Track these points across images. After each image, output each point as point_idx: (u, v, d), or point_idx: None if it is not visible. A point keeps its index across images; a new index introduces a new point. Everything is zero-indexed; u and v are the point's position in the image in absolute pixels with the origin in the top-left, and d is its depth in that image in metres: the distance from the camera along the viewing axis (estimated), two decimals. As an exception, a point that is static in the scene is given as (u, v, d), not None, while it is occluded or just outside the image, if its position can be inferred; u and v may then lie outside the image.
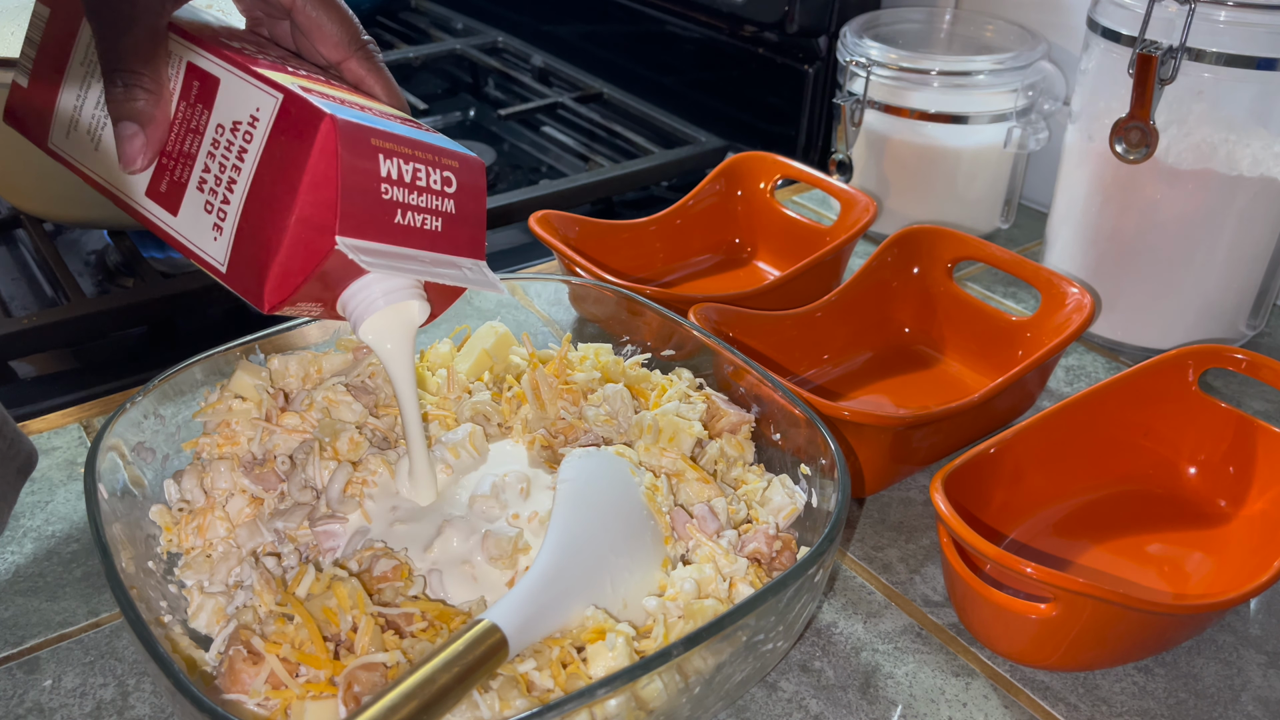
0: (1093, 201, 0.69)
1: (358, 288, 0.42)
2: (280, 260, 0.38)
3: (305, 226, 0.38)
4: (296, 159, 0.38)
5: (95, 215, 0.80)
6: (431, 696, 0.35)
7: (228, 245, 0.40)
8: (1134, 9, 0.62)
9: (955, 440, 0.59)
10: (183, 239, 0.41)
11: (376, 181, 0.39)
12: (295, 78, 0.41)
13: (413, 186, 0.41)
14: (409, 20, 1.38)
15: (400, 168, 0.40)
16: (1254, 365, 0.55)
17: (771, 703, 0.46)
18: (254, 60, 0.41)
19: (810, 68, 0.94)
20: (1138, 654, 0.48)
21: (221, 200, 0.40)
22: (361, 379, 0.54)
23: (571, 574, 0.43)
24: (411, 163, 0.41)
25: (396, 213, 0.40)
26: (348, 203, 0.38)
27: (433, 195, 0.42)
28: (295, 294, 0.39)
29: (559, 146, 1.07)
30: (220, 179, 0.40)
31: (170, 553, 0.48)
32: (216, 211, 0.40)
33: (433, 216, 0.42)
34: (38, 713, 0.45)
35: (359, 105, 0.41)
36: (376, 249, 0.40)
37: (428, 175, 0.41)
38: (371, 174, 0.39)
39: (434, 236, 0.42)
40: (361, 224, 0.39)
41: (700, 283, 0.79)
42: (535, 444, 0.51)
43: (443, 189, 0.42)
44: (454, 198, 0.43)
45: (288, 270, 0.39)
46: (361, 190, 0.39)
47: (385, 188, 0.40)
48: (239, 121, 0.39)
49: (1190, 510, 0.56)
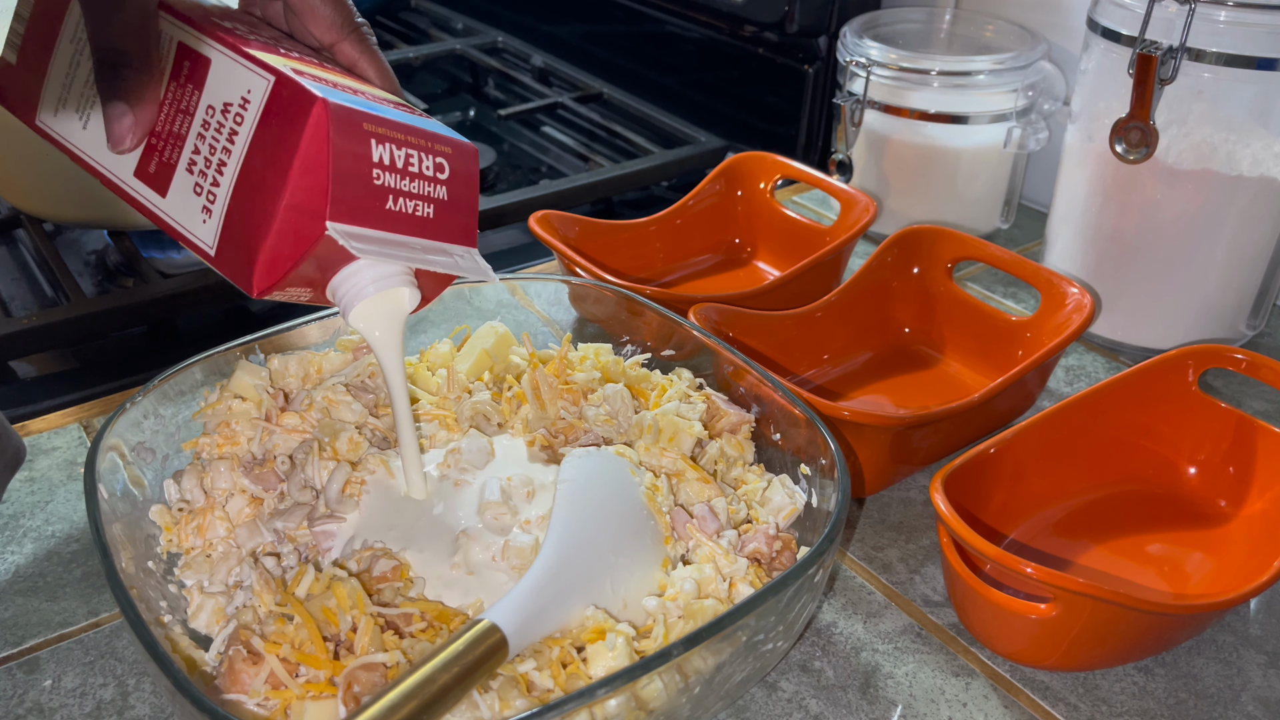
0: (1093, 201, 0.69)
1: (347, 274, 0.41)
2: (270, 245, 0.38)
3: (295, 211, 0.38)
4: (287, 142, 0.37)
5: (95, 215, 0.80)
6: (431, 696, 0.35)
7: (217, 228, 0.39)
8: (1134, 9, 0.62)
9: (955, 440, 0.59)
10: (171, 221, 0.41)
11: (368, 167, 0.39)
12: (287, 59, 0.40)
13: (405, 172, 0.40)
14: (409, 20, 1.38)
15: (392, 153, 0.40)
16: (1254, 365, 0.55)
17: (771, 703, 0.46)
18: (246, 41, 0.40)
19: (810, 68, 0.94)
20: (1138, 654, 0.48)
21: (211, 183, 0.39)
22: (361, 379, 0.54)
23: (571, 574, 0.43)
24: (404, 148, 0.40)
25: (388, 199, 0.40)
26: (339, 188, 0.38)
27: (425, 181, 0.41)
28: (284, 279, 0.39)
29: (559, 146, 1.07)
30: (210, 161, 0.39)
31: (170, 553, 0.48)
32: (206, 194, 0.39)
33: (424, 203, 0.42)
34: (38, 713, 0.45)
35: (351, 89, 0.41)
36: (367, 235, 0.39)
37: (420, 161, 0.41)
38: (363, 159, 0.39)
39: (425, 223, 0.42)
40: (352, 209, 0.39)
41: (700, 283, 0.79)
42: (535, 443, 0.51)
43: (435, 175, 0.42)
44: (446, 184, 0.42)
45: (277, 255, 0.38)
46: (353, 175, 0.38)
47: (377, 173, 0.39)
48: (229, 103, 0.39)
49: (1190, 510, 0.56)
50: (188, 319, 0.79)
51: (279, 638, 0.40)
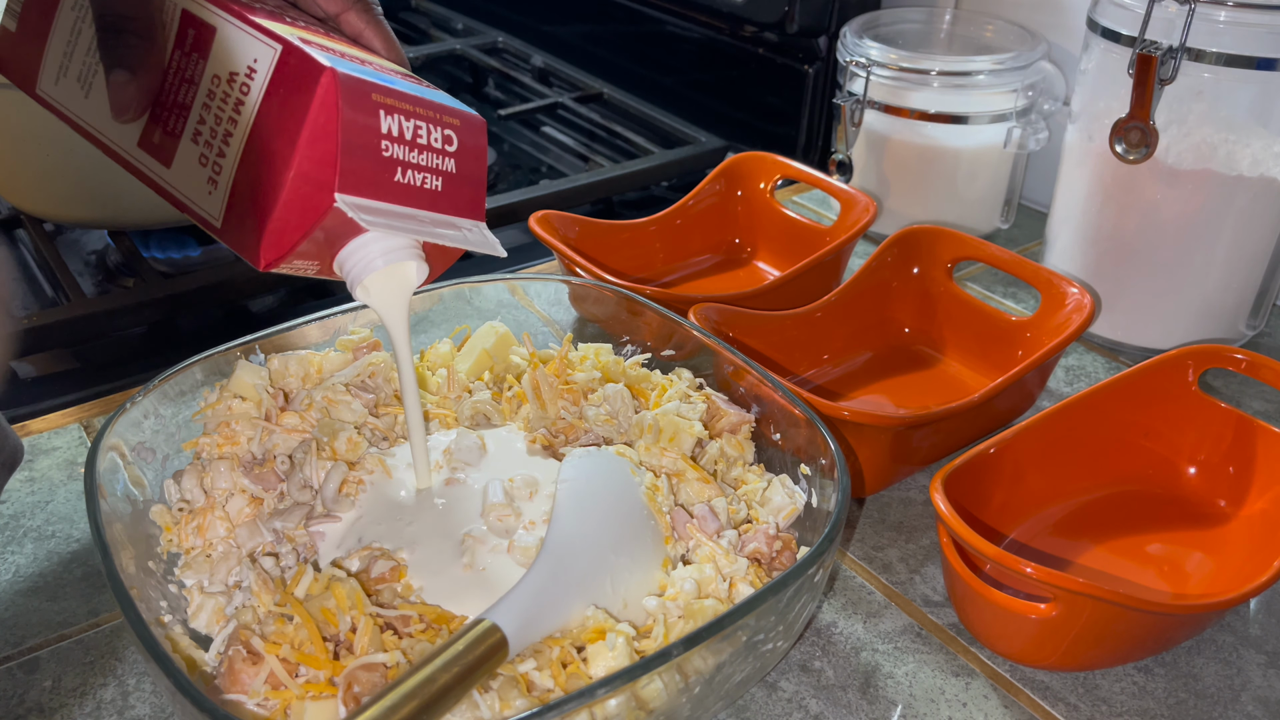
0: (1093, 202, 0.69)
1: (355, 246, 0.41)
2: (277, 217, 0.37)
3: (303, 182, 0.37)
4: (295, 113, 0.37)
5: (95, 215, 0.80)
6: (431, 696, 0.35)
7: (223, 200, 0.39)
8: (1134, 9, 0.62)
9: (955, 440, 0.59)
10: (176, 192, 0.40)
11: (377, 138, 0.38)
12: (294, 29, 0.40)
13: (413, 144, 0.40)
14: (409, 20, 1.38)
15: (401, 124, 0.39)
16: (1254, 365, 0.55)
17: (771, 703, 0.46)
18: (251, 9, 0.40)
19: (810, 68, 0.94)
20: (1138, 654, 0.48)
21: (216, 154, 0.39)
22: (361, 379, 0.54)
23: (571, 574, 0.43)
24: (413, 119, 0.40)
25: (396, 170, 0.39)
26: (347, 159, 0.37)
27: (433, 154, 0.41)
28: (291, 252, 0.38)
29: (559, 146, 1.07)
30: (216, 131, 0.39)
31: (170, 553, 0.48)
32: (211, 165, 0.39)
33: (433, 175, 0.41)
34: (38, 713, 0.45)
35: (359, 59, 0.40)
36: (376, 207, 0.39)
37: (429, 133, 0.40)
38: (372, 130, 0.38)
39: (434, 196, 0.41)
40: (361, 181, 0.38)
41: (700, 283, 0.79)
42: (535, 442, 0.51)
43: (443, 148, 0.41)
44: (455, 157, 0.42)
45: (285, 227, 0.37)
46: (362, 147, 0.38)
47: (385, 145, 0.39)
48: (235, 73, 0.38)
49: (1190, 510, 0.56)
50: (188, 319, 0.79)
51: (279, 638, 0.40)
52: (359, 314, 0.56)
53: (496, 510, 0.46)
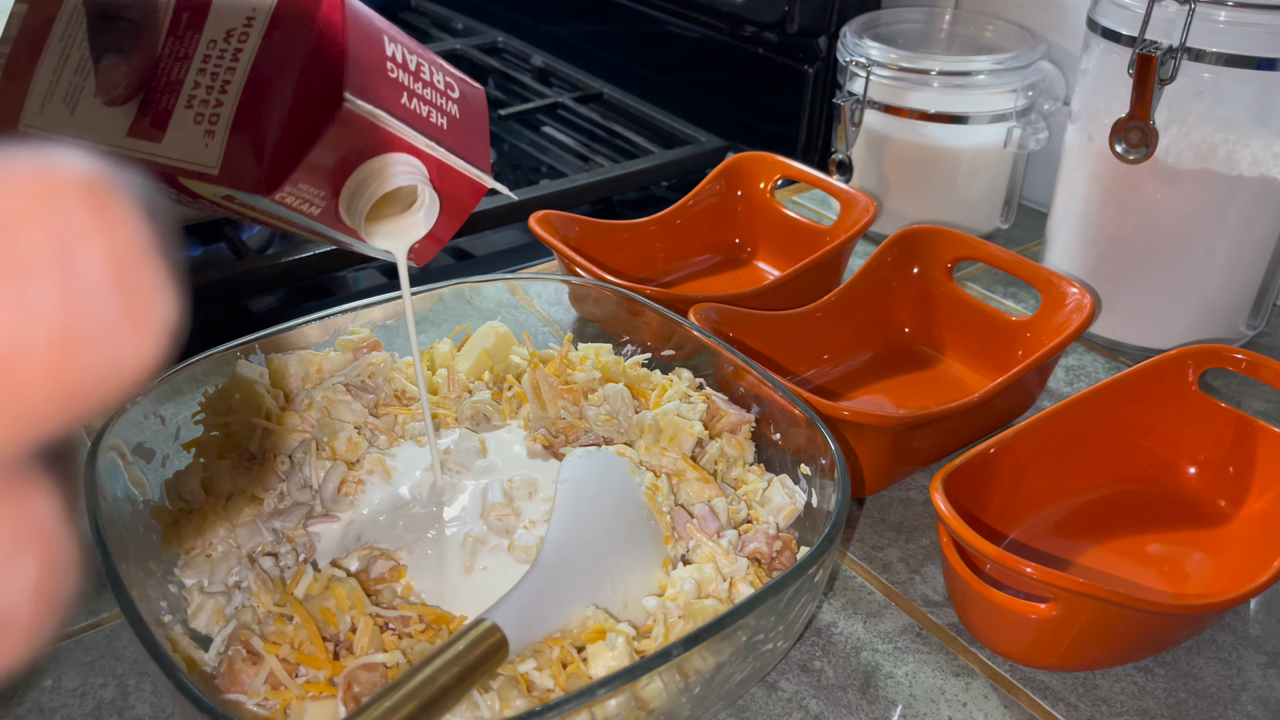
0: (1093, 201, 0.69)
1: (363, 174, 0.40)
2: (285, 132, 0.36)
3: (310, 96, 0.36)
4: (301, 32, 0.36)
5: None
6: (431, 696, 0.35)
7: (221, 145, 0.38)
8: (1134, 9, 0.62)
9: (955, 440, 0.59)
10: (169, 160, 0.39)
11: (382, 59, 0.38)
12: None
13: (417, 76, 0.39)
14: (409, 20, 1.38)
15: (404, 55, 0.39)
16: (1254, 365, 0.55)
17: (771, 703, 0.46)
18: None
19: (810, 68, 0.94)
20: (1138, 654, 0.48)
21: (214, 104, 0.38)
22: (361, 379, 0.54)
23: (571, 574, 0.43)
24: (415, 55, 0.39)
25: (402, 94, 0.39)
26: (355, 66, 0.37)
27: (437, 92, 0.40)
28: (299, 169, 0.37)
29: (559, 146, 1.07)
30: (212, 87, 0.38)
31: (170, 553, 0.48)
32: (208, 118, 0.38)
33: (438, 112, 0.40)
34: (38, 713, 0.45)
35: None
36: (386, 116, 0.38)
37: (431, 73, 0.40)
38: (377, 49, 0.38)
39: (440, 132, 0.40)
40: (370, 90, 0.37)
41: (700, 283, 0.79)
42: (535, 442, 0.51)
43: (446, 91, 0.41)
44: (458, 104, 0.41)
45: (291, 143, 0.37)
46: (368, 60, 0.37)
47: (391, 68, 0.38)
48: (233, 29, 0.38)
49: (1190, 510, 0.56)
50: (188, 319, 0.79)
51: (278, 638, 0.40)
52: (359, 314, 0.56)
53: (496, 510, 0.46)
